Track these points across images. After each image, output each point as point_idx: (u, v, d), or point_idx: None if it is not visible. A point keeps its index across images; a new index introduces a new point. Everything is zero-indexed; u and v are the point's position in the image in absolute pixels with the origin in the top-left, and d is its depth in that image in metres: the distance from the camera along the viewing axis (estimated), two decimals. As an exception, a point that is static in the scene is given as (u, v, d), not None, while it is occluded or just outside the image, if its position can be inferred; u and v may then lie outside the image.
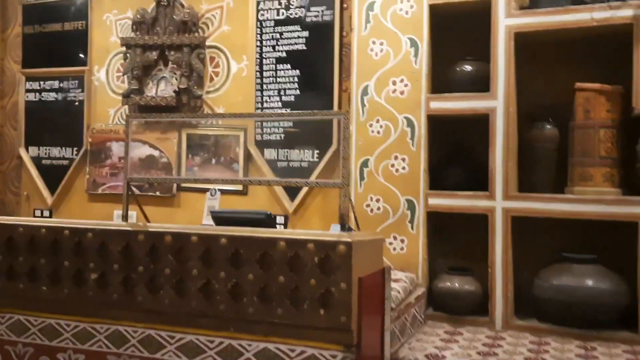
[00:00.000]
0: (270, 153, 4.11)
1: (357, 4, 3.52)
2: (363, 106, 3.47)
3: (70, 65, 4.71)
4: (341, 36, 3.92)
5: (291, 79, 4.06)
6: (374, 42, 3.47)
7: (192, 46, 4.27)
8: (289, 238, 2.22)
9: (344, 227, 2.28)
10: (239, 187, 4.17)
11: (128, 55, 4.43)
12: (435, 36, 3.42)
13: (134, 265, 2.38)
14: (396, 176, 3.40)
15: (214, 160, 4.27)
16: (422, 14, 3.36)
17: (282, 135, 4.08)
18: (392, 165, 3.42)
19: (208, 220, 3.68)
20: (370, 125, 3.45)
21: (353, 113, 3.51)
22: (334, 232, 2.35)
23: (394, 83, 3.41)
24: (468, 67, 3.42)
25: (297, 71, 4.05)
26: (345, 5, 3.91)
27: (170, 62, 4.36)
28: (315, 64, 4.00)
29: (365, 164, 3.47)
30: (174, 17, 4.33)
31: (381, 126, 3.44)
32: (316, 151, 3.98)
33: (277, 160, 4.09)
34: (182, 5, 4.38)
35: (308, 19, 4.03)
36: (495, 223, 3.19)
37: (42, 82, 4.81)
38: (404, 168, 3.39)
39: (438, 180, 3.42)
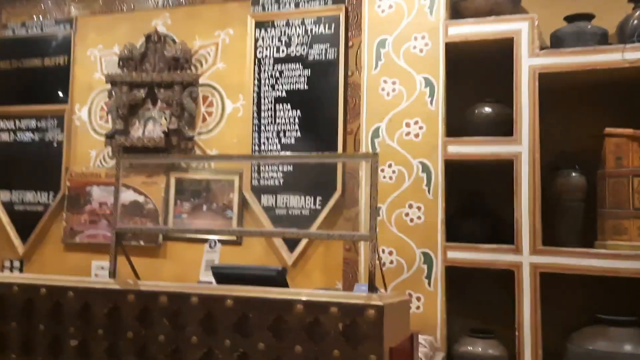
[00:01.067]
0: (267, 199, 3.78)
1: (367, 41, 3.27)
2: (374, 150, 3.18)
3: (50, 103, 4.37)
4: (346, 75, 3.67)
5: (291, 120, 3.78)
6: (385, 82, 3.21)
7: (184, 84, 3.98)
8: (308, 300, 1.88)
9: (373, 288, 1.95)
10: (233, 237, 3.82)
11: (113, 92, 4.12)
12: (452, 75, 3.17)
13: (122, 330, 2.00)
14: (411, 226, 3.09)
15: (205, 207, 3.92)
16: (438, 53, 3.12)
17: (281, 181, 3.76)
18: (407, 215, 3.11)
19: (207, 277, 3.30)
20: (382, 171, 3.16)
21: (362, 159, 3.21)
22: (360, 294, 2.02)
23: (408, 125, 3.14)
24: (487, 109, 3.17)
25: (298, 111, 3.78)
26: (350, 43, 3.68)
27: (159, 101, 4.06)
28: (318, 104, 3.73)
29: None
30: (165, 53, 4.05)
31: (394, 171, 3.15)
32: (318, 198, 3.67)
33: (275, 208, 3.76)
34: (174, 41, 4.11)
35: (310, 57, 3.78)
36: (523, 280, 2.88)
37: (17, 121, 4.46)
38: (419, 218, 3.09)
39: (455, 232, 3.12)
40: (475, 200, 3.27)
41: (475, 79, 3.29)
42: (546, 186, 3.05)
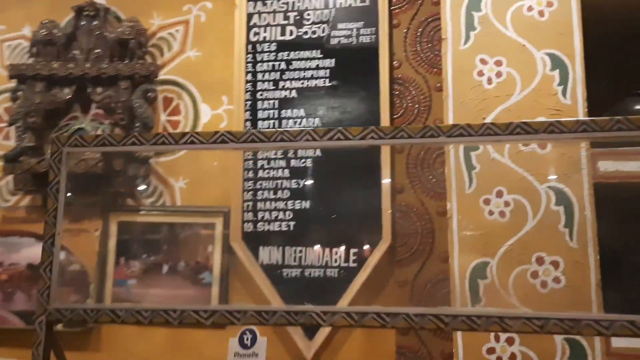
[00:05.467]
0: (269, 254, 2.43)
1: (449, 2, 2.09)
2: (470, 169, 1.96)
3: None
4: (391, 67, 2.46)
5: (306, 133, 2.49)
6: (483, 61, 2.02)
7: (135, 79, 2.61)
8: None
9: None
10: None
11: (20, 94, 2.67)
12: (587, 55, 2.03)
13: None
14: (544, 294, 1.86)
15: (165, 268, 2.50)
16: (571, 16, 1.99)
17: (292, 224, 2.44)
18: (534, 275, 1.87)
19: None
20: (487, 203, 1.93)
21: (451, 180, 1.97)
22: None
23: (529, 128, 1.94)
24: (645, 107, 2.05)
25: (317, 120, 2.50)
26: (395, 22, 2.49)
27: (94, 105, 2.66)
28: (348, 108, 2.49)
29: (480, 271, 1.90)
30: (105, 34, 2.68)
31: (507, 203, 1.92)
32: (352, 250, 2.37)
33: (281, 267, 2.41)
34: (119, 19, 2.75)
35: (334, 41, 2.55)
36: None
37: None
38: (557, 280, 1.86)
39: (612, 299, 1.91)
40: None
41: (624, 61, 2.17)
42: None
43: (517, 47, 2.01)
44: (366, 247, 2.36)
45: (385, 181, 2.37)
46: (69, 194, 2.57)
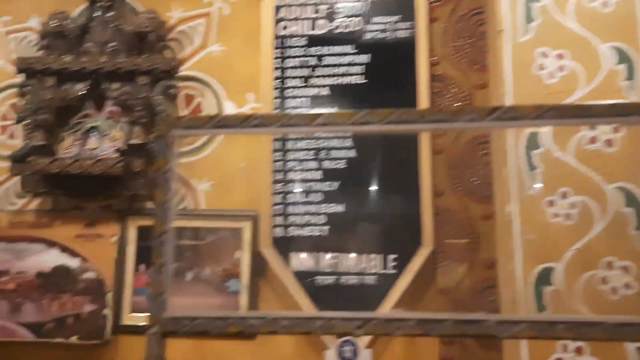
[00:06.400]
0: (301, 260, 2.28)
1: (505, -9, 1.98)
2: (532, 168, 1.84)
3: None
4: (430, 63, 2.34)
5: (340, 133, 2.35)
6: (544, 55, 1.91)
7: (155, 75, 2.44)
8: None
9: None
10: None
11: (29, 88, 2.49)
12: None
13: None
14: (614, 301, 1.74)
15: (189, 275, 2.33)
16: (637, 7, 1.89)
17: (326, 228, 2.29)
18: (604, 281, 1.76)
19: None
20: (550, 204, 1.81)
21: (511, 180, 1.85)
22: None
23: (593, 127, 1.84)
24: None
25: (350, 119, 2.36)
26: (434, 15, 2.38)
27: (110, 101, 2.48)
28: (383, 106, 2.35)
29: (544, 278, 1.78)
30: (122, 27, 2.52)
31: (572, 205, 1.81)
32: (391, 256, 2.23)
33: (315, 274, 2.26)
34: (135, 11, 2.59)
35: (368, 36, 2.42)
36: None
37: None
38: (627, 286, 1.75)
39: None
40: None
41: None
42: None
43: (579, 40, 1.90)
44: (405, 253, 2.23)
45: (425, 183, 2.25)
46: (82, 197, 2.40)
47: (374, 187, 2.30)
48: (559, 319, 1.13)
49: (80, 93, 2.47)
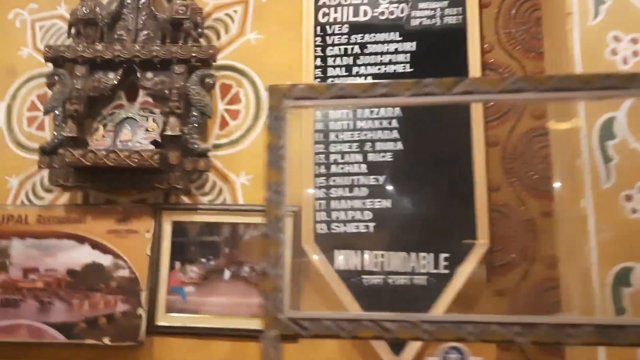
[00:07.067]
0: (346, 258, 2.16)
1: (570, -28, 1.86)
2: (607, 160, 1.71)
3: None
4: (482, 50, 2.22)
5: (385, 123, 2.24)
6: (617, 39, 1.78)
7: (191, 64, 2.33)
8: None
9: None
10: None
11: (59, 78, 2.39)
12: None
13: None
14: (697, 304, 1.61)
15: (228, 273, 2.22)
16: None
17: (372, 225, 2.17)
18: (686, 281, 1.63)
19: None
20: (628, 199, 1.68)
21: (585, 173, 1.73)
22: None
23: (670, 115, 1.72)
24: None
25: (396, 110, 2.25)
26: (485, 1, 2.26)
27: (144, 91, 2.38)
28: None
29: (623, 278, 1.65)
30: (156, 13, 2.41)
31: (650, 200, 1.68)
32: (443, 255, 2.10)
33: (360, 273, 2.14)
34: (169, -1, 2.48)
35: (414, 22, 2.30)
36: None
37: None
38: None
39: None
40: None
41: None
42: None
43: (653, 23, 1.78)
44: (458, 251, 2.10)
45: (479, 177, 2.12)
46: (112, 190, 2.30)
47: (422, 182, 2.17)
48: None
49: (113, 82, 2.37)
